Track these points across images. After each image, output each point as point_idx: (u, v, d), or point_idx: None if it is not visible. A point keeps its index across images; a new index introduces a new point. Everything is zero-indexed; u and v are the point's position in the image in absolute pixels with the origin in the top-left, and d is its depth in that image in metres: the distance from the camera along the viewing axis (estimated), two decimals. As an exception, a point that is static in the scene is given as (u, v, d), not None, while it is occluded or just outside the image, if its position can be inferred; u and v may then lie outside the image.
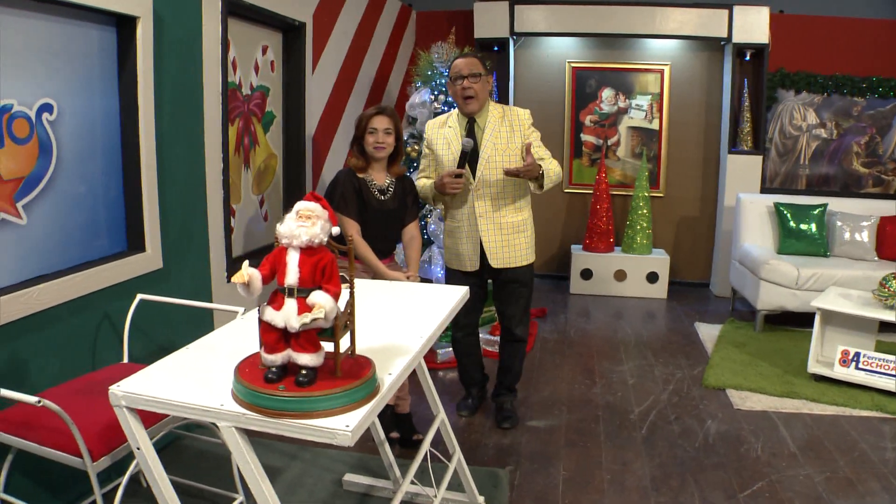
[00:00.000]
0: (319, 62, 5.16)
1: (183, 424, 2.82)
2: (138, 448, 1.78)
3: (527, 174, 3.58)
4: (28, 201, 2.74)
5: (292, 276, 1.60)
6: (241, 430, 1.63)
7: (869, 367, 4.43)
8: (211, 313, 3.80)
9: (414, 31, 7.54)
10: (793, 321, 5.85)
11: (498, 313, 4.06)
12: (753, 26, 6.62)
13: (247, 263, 1.62)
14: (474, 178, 3.70)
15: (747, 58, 6.81)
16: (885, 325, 4.58)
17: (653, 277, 7.00)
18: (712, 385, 4.61)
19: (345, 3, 5.58)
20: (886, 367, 4.38)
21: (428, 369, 2.85)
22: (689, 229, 7.49)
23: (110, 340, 3.11)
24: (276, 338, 1.61)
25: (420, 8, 7.50)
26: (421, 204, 3.89)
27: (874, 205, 6.27)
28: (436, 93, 5.64)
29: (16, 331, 2.61)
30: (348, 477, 3.28)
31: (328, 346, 1.67)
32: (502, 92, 7.03)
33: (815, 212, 6.11)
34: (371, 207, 3.54)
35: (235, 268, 3.93)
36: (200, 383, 1.75)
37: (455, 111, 3.84)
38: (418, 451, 2.60)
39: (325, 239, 1.63)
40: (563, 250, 7.65)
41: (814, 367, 4.61)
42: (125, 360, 3.01)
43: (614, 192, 7.31)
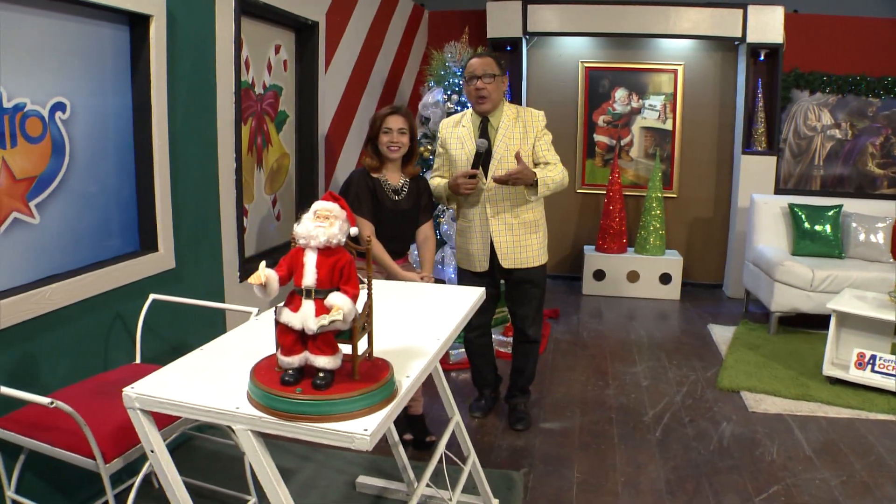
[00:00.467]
0: (332, 61, 5.14)
1: (195, 425, 2.80)
2: (152, 451, 1.76)
3: (517, 181, 3.55)
4: (41, 200, 2.73)
5: (310, 278, 1.58)
6: (257, 433, 1.61)
7: (885, 370, 4.39)
8: (223, 314, 3.79)
9: (426, 31, 7.53)
10: (807, 323, 5.80)
11: (510, 314, 4.04)
12: (768, 26, 6.57)
13: (263, 264, 1.59)
14: (487, 178, 3.68)
15: (761, 58, 6.76)
16: (901, 328, 4.53)
17: (666, 279, 6.95)
18: (726, 387, 4.57)
19: (357, 2, 5.57)
20: (904, 371, 4.34)
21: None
22: (702, 230, 7.44)
23: (122, 341, 3.10)
24: (293, 340, 1.59)
25: (432, 7, 7.48)
26: (434, 204, 3.87)
27: (889, 206, 6.19)
28: (448, 92, 5.62)
29: (28, 331, 2.60)
30: (362, 479, 3.27)
31: (345, 349, 1.64)
32: (515, 92, 7.00)
33: (830, 213, 6.06)
34: (385, 208, 3.52)
35: (248, 268, 3.93)
36: (215, 385, 1.73)
37: (469, 111, 3.82)
38: (432, 452, 2.58)
39: (343, 239, 1.61)
40: (576, 251, 7.62)
41: (829, 370, 4.57)
42: (137, 360, 3.00)
43: (627, 193, 7.26)
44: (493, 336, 4.34)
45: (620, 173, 7.14)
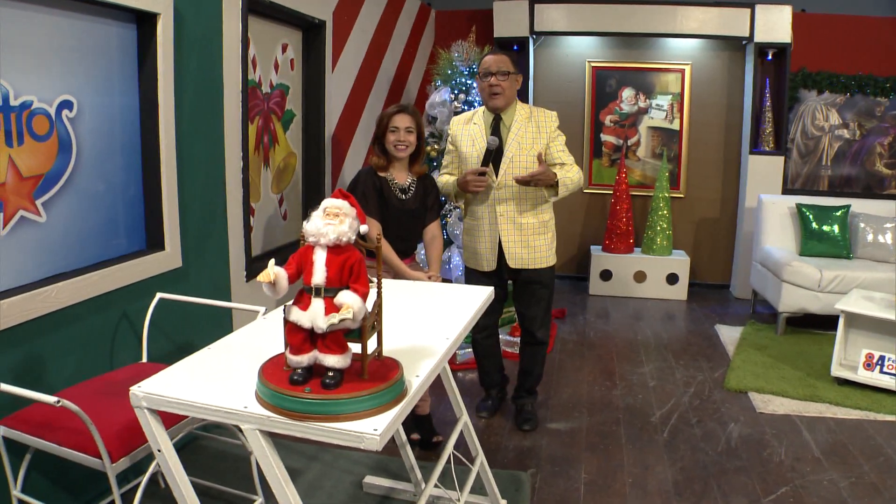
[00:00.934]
0: (339, 60, 5.13)
1: (201, 425, 2.79)
2: (159, 450, 1.75)
3: (538, 182, 3.54)
4: (47, 199, 2.72)
5: (319, 276, 1.56)
6: (266, 432, 1.59)
7: (893, 371, 4.36)
8: (230, 313, 3.78)
9: (433, 31, 7.52)
10: (814, 324, 5.77)
11: (518, 315, 4.01)
12: (775, 26, 6.53)
13: (272, 262, 1.58)
14: (497, 177, 3.66)
15: (769, 57, 6.72)
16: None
17: (673, 279, 6.93)
18: (734, 388, 4.54)
19: (365, 1, 5.56)
20: (913, 372, 4.31)
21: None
22: (709, 230, 7.42)
23: (129, 340, 3.09)
24: (302, 339, 1.57)
25: (439, 7, 7.47)
26: (441, 203, 3.85)
27: (898, 206, 6.18)
28: (455, 92, 5.60)
29: (34, 329, 2.59)
30: (369, 479, 3.25)
31: (354, 348, 1.63)
32: (522, 91, 6.93)
33: (838, 213, 6.02)
34: (392, 207, 3.50)
35: (255, 267, 3.93)
36: (223, 384, 1.72)
37: (481, 108, 3.81)
38: (438, 452, 2.57)
39: (353, 237, 1.59)
40: (583, 251, 7.59)
41: (837, 371, 4.54)
42: (144, 359, 2.99)
43: (634, 193, 7.24)
44: (500, 336, 4.33)
45: (627, 173, 7.12)
